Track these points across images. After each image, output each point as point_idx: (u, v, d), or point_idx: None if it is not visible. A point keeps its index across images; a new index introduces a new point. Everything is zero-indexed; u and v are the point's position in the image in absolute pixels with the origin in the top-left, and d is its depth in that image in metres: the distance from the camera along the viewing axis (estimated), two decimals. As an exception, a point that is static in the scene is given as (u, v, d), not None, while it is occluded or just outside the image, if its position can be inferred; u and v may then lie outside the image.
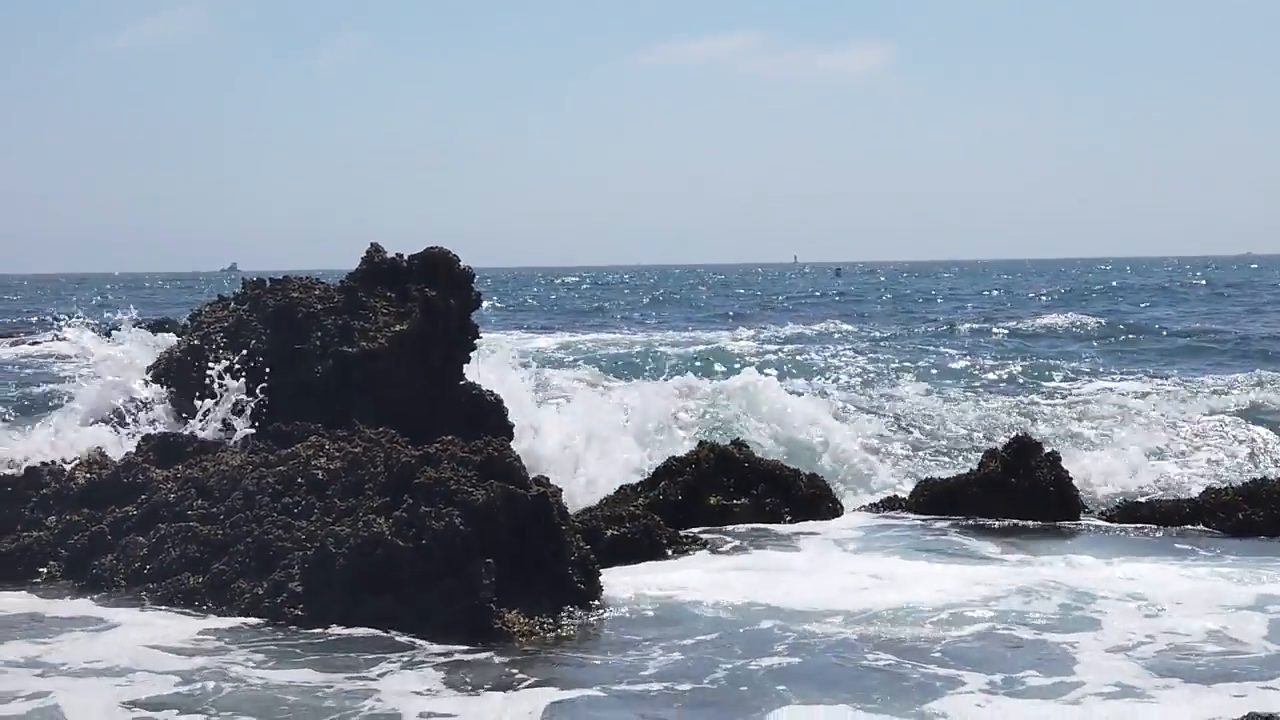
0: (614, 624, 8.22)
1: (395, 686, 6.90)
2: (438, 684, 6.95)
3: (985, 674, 7.01)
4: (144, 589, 8.77)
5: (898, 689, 6.80)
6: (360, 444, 9.38)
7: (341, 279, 11.70)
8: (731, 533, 11.00)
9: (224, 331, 11.22)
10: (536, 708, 6.53)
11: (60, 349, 20.52)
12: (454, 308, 11.41)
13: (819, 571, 9.59)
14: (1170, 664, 7.21)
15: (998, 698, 6.64)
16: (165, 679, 6.98)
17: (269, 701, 6.64)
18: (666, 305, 52.11)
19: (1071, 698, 6.64)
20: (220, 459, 9.78)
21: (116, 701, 6.63)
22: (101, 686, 6.88)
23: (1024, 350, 28.51)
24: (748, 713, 6.48)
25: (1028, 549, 10.29)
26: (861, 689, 6.80)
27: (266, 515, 8.91)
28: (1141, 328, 34.83)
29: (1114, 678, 6.96)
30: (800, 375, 21.83)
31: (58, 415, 12.48)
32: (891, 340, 32.53)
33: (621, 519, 10.23)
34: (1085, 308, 46.76)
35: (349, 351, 10.78)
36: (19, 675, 7.07)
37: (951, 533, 11.04)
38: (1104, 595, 8.67)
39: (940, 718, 6.35)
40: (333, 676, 7.05)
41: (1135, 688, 6.81)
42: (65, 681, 6.97)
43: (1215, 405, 17.08)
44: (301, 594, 8.28)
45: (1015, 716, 6.37)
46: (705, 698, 6.74)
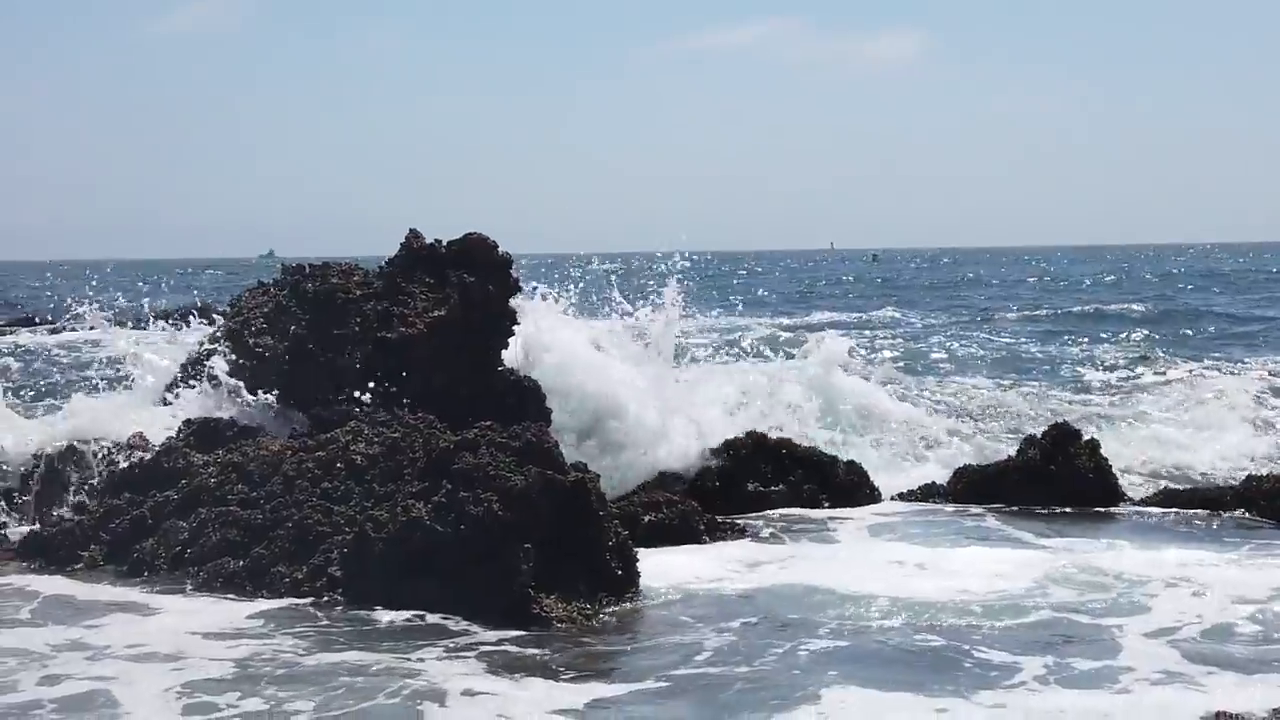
0: (654, 610, 8.20)
1: (442, 669, 6.90)
2: (483, 669, 6.94)
3: (1035, 658, 6.94)
4: (185, 573, 8.82)
5: (949, 674, 6.75)
6: (399, 429, 9.38)
7: (380, 265, 11.68)
8: (769, 518, 10.97)
9: (264, 317, 11.23)
10: (584, 695, 6.51)
11: (97, 337, 20.66)
12: (492, 293, 11.38)
13: (860, 557, 9.54)
14: (1216, 650, 7.13)
15: (1049, 684, 6.58)
16: (217, 663, 7.03)
17: (322, 681, 6.67)
18: (706, 294, 51.12)
19: (1121, 685, 6.56)
20: (260, 444, 9.81)
21: (171, 685, 6.67)
22: (153, 671, 6.92)
23: (1076, 333, 28.15)
24: (801, 697, 6.45)
25: (1069, 535, 10.19)
26: (913, 674, 6.77)
27: (306, 500, 8.93)
28: (1197, 313, 34.36)
29: (1161, 664, 6.87)
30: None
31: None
32: (941, 326, 32.17)
33: (659, 504, 10.22)
34: (1138, 293, 46.25)
35: (388, 337, 10.77)
36: (69, 659, 7.11)
37: (991, 519, 10.93)
38: (1149, 580, 8.59)
39: (996, 706, 6.29)
40: (381, 658, 7.07)
41: (1183, 674, 6.72)
42: (118, 665, 7.01)
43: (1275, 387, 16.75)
44: (340, 578, 8.29)
45: (1066, 703, 6.30)
46: (756, 681, 6.71)
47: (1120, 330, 29.32)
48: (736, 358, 17.62)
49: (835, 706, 6.28)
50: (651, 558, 8.96)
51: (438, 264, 11.41)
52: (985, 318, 35.50)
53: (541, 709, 6.28)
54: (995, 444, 14.33)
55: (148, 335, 13.73)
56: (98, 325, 13.88)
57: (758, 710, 6.27)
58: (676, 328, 13.54)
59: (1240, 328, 30.34)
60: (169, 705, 6.37)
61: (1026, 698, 6.39)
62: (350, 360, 10.81)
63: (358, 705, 6.32)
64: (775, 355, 17.84)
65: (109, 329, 14.00)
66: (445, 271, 11.32)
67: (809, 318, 36.97)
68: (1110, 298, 44.22)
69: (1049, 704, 6.31)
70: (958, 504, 11.62)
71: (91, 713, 6.30)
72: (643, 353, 12.99)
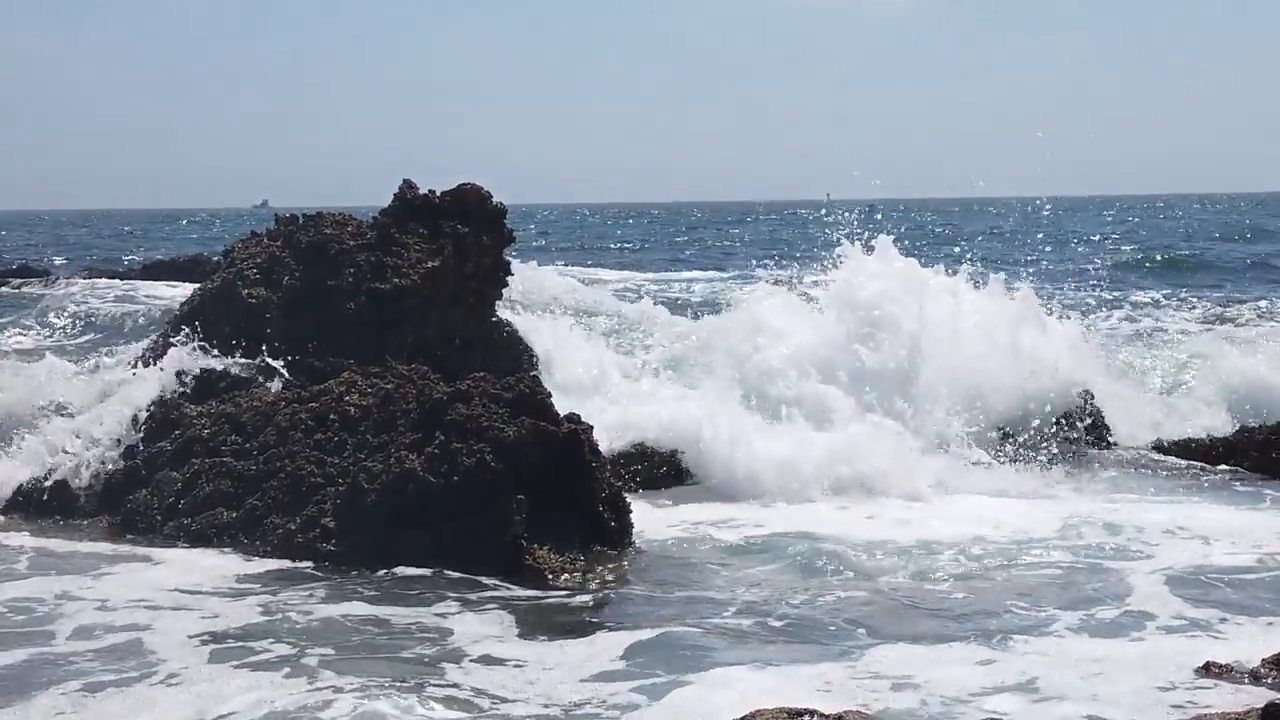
0: (651, 561, 8.27)
1: (453, 622, 7.01)
2: (496, 621, 7.06)
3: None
4: (178, 524, 8.84)
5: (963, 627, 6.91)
6: (392, 380, 9.38)
7: (374, 215, 11.64)
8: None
9: (257, 268, 11.19)
10: (612, 648, 6.56)
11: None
12: (486, 245, 11.35)
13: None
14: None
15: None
16: (236, 612, 7.13)
17: (337, 633, 6.76)
18: (717, 246, 49.03)
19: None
20: (254, 395, 9.80)
21: (196, 631, 6.77)
22: (173, 619, 7.01)
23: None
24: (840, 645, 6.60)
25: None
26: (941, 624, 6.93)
27: (299, 451, 8.94)
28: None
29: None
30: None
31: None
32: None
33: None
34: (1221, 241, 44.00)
35: (382, 288, 10.74)
36: (86, 609, 7.18)
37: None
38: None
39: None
40: (395, 610, 7.16)
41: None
42: (144, 614, 7.11)
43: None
44: (334, 529, 8.32)
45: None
46: (793, 629, 6.87)
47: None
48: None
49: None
50: (643, 505, 9.07)
51: (431, 214, 11.37)
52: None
53: (565, 666, 6.30)
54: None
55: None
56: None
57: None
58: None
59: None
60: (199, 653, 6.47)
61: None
62: (344, 310, 10.78)
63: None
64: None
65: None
66: (439, 222, 11.28)
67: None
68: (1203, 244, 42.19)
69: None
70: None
71: (130, 659, 6.39)
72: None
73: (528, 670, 6.24)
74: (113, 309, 20.46)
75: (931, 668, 6.16)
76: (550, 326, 12.98)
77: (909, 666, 6.20)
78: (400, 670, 6.18)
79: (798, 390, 11.78)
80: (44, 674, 6.17)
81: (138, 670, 6.22)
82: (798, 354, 12.30)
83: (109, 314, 20.00)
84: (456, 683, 6.04)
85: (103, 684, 6.04)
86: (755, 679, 5.98)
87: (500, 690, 5.95)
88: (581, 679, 6.08)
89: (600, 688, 5.96)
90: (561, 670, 6.22)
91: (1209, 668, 6.04)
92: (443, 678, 6.10)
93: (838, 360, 12.18)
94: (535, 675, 6.15)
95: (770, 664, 6.25)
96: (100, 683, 6.05)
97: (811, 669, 6.17)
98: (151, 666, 6.26)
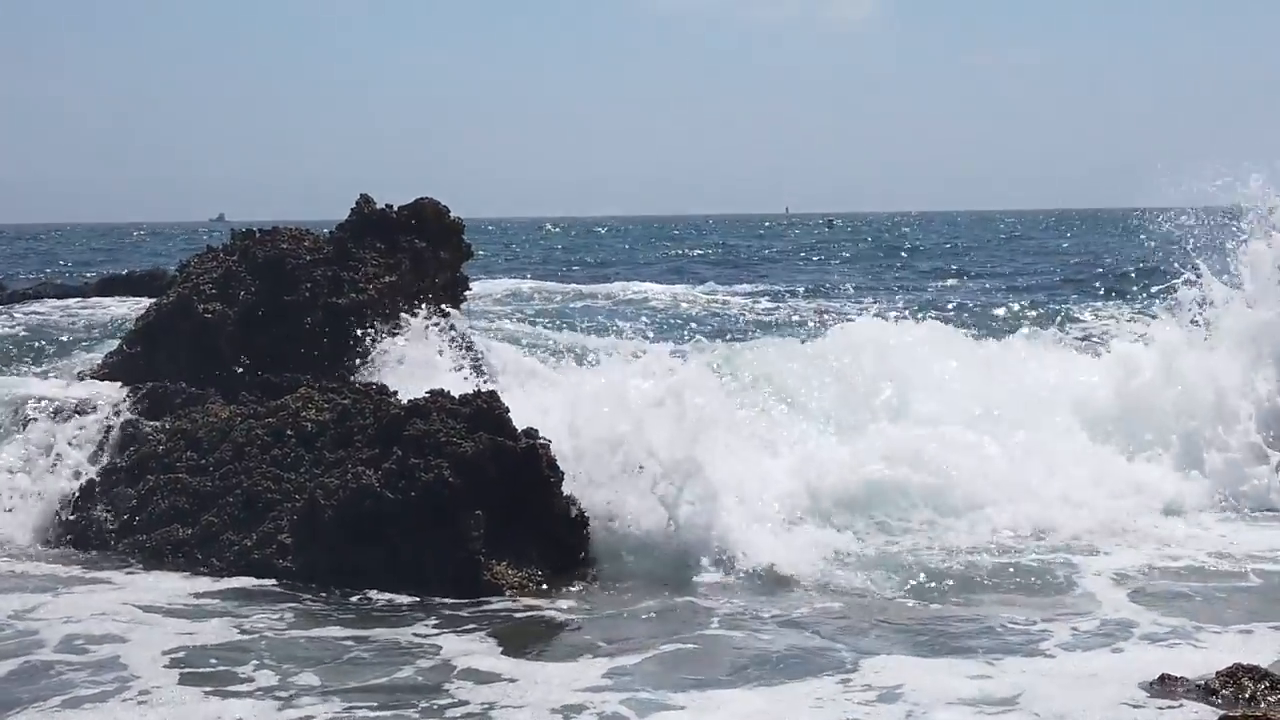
0: (609, 576, 8.27)
1: (427, 640, 7.01)
2: (468, 639, 7.04)
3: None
4: (133, 540, 8.77)
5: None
6: (349, 396, 9.34)
7: (331, 230, 11.61)
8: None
9: (213, 283, 11.14)
10: (589, 667, 6.53)
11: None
12: (445, 259, 11.34)
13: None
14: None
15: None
16: (208, 632, 7.07)
17: (314, 656, 6.71)
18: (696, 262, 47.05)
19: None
20: (209, 410, 9.74)
21: (174, 649, 6.73)
22: (147, 636, 6.96)
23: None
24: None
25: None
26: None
27: (255, 467, 8.89)
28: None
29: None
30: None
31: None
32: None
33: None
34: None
35: (338, 303, 10.71)
36: (61, 626, 7.11)
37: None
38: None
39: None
40: (370, 632, 7.12)
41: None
42: (121, 626, 7.10)
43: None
44: (291, 546, 8.28)
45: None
46: (796, 646, 6.85)
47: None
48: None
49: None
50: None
51: (389, 229, 11.35)
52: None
53: (553, 684, 6.24)
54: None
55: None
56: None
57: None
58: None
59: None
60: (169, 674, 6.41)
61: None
62: (301, 325, 10.74)
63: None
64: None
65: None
66: (396, 236, 11.27)
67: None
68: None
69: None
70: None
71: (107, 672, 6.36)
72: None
73: (516, 686, 6.20)
74: (65, 322, 20.26)
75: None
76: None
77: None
78: (384, 688, 6.17)
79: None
80: (16, 692, 6.13)
81: (117, 689, 6.17)
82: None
83: (62, 327, 19.81)
84: (442, 701, 6.03)
85: (80, 699, 6.00)
86: (745, 698, 6.00)
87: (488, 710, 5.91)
88: (566, 703, 5.99)
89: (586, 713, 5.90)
90: (548, 687, 6.17)
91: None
92: (426, 696, 6.08)
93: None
94: (522, 693, 6.11)
95: (759, 683, 6.24)
96: (78, 697, 6.02)
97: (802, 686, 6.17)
98: (133, 691, 6.17)
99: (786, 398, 11.24)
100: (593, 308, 22.28)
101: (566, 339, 14.45)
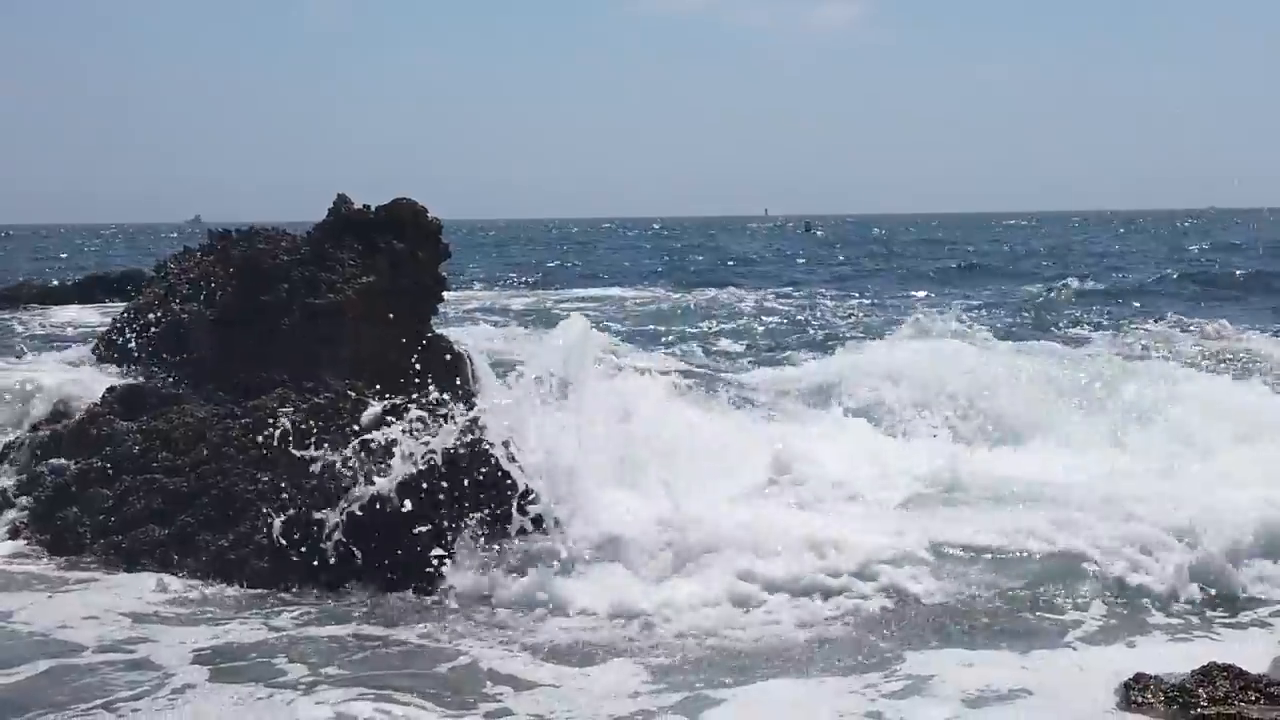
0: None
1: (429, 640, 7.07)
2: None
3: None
4: (108, 541, 8.73)
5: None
6: (326, 396, 9.32)
7: (308, 230, 11.57)
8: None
9: (190, 283, 11.10)
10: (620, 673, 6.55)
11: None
12: (423, 260, 11.31)
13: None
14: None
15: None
16: (232, 634, 7.07)
17: (328, 655, 6.74)
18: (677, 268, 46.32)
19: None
20: (185, 410, 9.71)
21: (199, 653, 6.72)
22: (175, 638, 6.95)
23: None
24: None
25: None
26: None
27: (232, 468, 8.86)
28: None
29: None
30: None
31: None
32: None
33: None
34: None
35: (316, 303, 10.67)
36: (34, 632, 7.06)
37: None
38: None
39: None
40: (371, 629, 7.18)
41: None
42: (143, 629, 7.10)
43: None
44: (267, 546, 8.25)
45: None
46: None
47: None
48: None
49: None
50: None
51: (367, 230, 11.31)
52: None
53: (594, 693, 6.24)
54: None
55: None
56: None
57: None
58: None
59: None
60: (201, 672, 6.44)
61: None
62: (278, 326, 10.71)
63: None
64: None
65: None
66: (374, 237, 11.23)
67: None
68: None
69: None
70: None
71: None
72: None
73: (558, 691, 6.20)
74: (39, 324, 20.26)
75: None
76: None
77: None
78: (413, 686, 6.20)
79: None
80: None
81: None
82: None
83: (36, 330, 19.79)
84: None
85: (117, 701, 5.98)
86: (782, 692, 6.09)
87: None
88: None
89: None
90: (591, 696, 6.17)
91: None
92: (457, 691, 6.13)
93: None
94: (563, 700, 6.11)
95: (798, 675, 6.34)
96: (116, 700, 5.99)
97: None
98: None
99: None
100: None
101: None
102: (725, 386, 13.56)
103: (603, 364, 10.64)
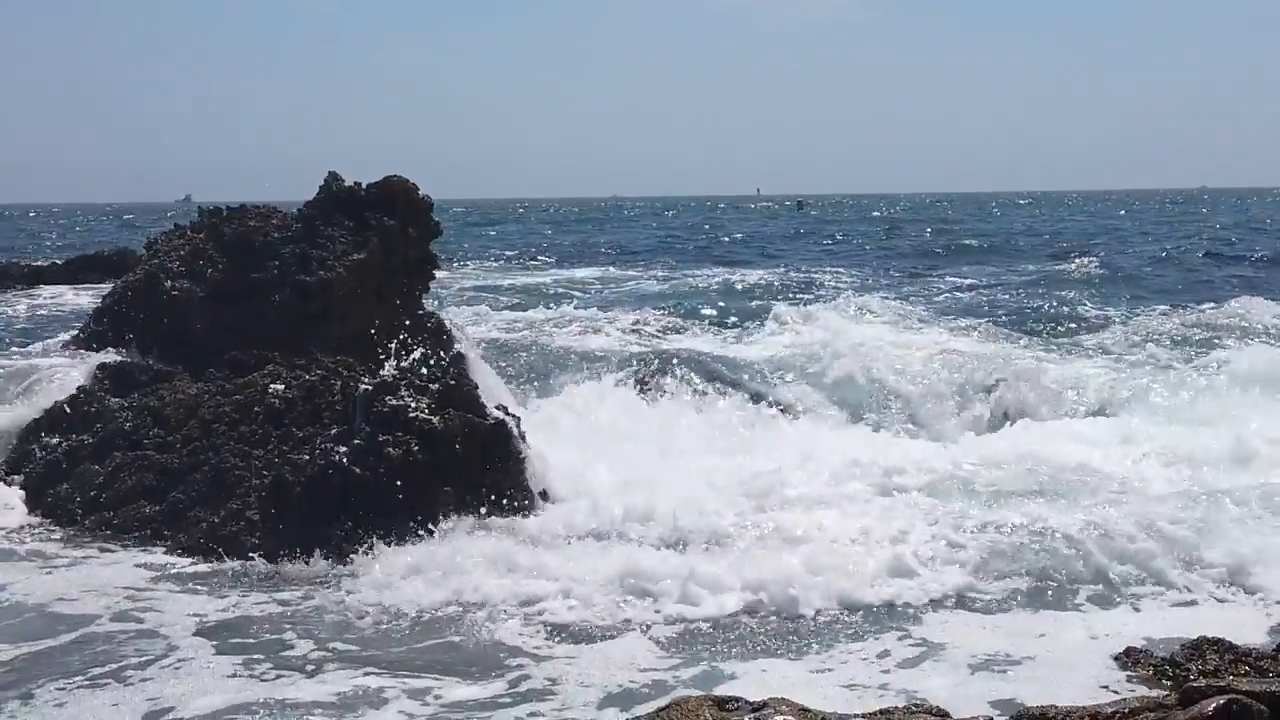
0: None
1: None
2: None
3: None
4: (100, 516, 8.72)
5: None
6: (318, 372, 9.32)
7: (299, 208, 11.53)
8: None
9: (181, 260, 11.06)
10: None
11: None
12: (413, 237, 11.29)
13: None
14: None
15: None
16: (230, 609, 7.06)
17: (338, 629, 6.72)
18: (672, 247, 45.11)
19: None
20: (176, 387, 9.70)
21: (200, 626, 6.72)
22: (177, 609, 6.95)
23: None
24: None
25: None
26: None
27: (223, 444, 8.86)
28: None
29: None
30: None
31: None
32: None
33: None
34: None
35: (306, 280, 10.65)
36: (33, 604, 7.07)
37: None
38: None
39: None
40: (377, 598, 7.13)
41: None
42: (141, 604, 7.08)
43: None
44: (258, 522, 8.24)
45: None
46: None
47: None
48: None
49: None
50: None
51: (358, 207, 11.28)
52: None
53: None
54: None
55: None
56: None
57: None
58: None
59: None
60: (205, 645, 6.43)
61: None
62: (269, 303, 10.68)
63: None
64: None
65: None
66: (365, 214, 11.21)
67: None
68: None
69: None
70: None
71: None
72: None
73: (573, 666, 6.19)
74: (28, 304, 20.18)
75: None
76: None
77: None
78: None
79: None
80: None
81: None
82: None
83: (28, 310, 19.72)
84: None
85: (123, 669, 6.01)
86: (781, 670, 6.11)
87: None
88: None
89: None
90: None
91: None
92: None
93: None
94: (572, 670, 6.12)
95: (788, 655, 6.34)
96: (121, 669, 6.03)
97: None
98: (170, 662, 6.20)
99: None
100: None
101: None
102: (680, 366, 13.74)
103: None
